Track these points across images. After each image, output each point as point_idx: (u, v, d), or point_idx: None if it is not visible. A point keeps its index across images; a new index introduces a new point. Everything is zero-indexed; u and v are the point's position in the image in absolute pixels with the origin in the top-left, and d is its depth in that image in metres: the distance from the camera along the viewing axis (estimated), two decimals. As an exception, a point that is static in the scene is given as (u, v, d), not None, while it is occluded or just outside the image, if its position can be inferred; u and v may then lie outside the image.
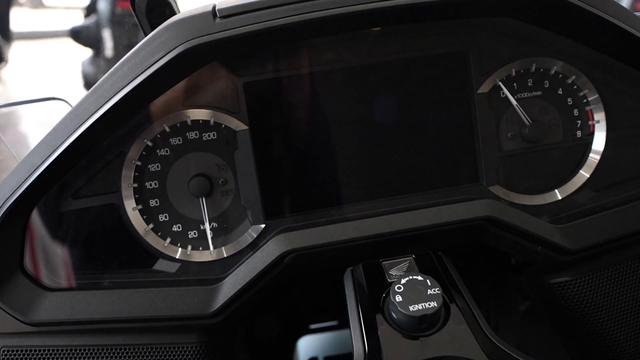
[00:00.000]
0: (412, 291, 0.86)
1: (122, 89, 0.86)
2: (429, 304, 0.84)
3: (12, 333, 0.94)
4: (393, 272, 0.96)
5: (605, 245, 1.04)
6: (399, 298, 0.85)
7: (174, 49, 0.84)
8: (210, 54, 0.90)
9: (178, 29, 0.85)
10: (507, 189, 1.08)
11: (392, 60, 1.04)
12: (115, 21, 4.60)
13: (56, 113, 0.93)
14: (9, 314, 0.93)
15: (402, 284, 0.87)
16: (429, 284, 0.86)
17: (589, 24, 0.94)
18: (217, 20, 0.85)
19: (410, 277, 0.87)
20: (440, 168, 1.07)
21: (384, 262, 0.98)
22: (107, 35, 4.78)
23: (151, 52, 0.85)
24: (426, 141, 1.06)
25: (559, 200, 1.09)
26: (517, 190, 1.09)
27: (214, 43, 0.84)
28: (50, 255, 0.99)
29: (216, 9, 0.86)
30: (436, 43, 1.04)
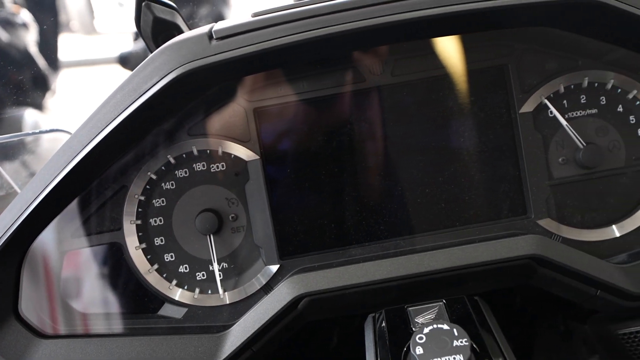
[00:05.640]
0: (435, 342, 0.81)
1: (114, 118, 0.88)
2: (454, 358, 0.79)
3: (2, 384, 0.96)
4: (419, 319, 0.91)
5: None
6: (419, 350, 0.80)
7: (167, 75, 0.86)
8: (209, 78, 0.91)
9: (172, 52, 0.86)
10: (559, 223, 1.03)
11: (419, 79, 1.02)
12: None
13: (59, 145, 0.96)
14: (0, 363, 0.95)
15: (425, 334, 0.82)
16: (456, 334, 0.82)
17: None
18: (213, 42, 0.86)
19: (434, 326, 0.83)
20: (478, 200, 1.03)
21: (410, 308, 0.93)
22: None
23: (144, 78, 0.87)
24: (462, 169, 1.03)
25: (623, 235, 1.01)
26: (570, 224, 1.03)
27: (210, 66, 0.85)
28: (47, 299, 1.01)
29: (213, 30, 0.87)
30: (469, 58, 1.01)
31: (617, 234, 1.02)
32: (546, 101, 1.02)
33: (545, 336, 1.36)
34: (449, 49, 1.01)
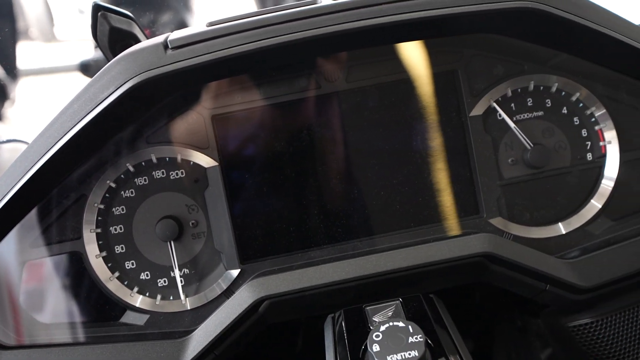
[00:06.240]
0: (391, 339, 0.83)
1: (71, 128, 0.88)
2: (409, 354, 0.81)
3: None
4: (376, 318, 0.94)
5: (625, 281, 1.00)
6: (376, 347, 0.83)
7: (123, 84, 0.87)
8: (165, 87, 0.92)
9: (127, 62, 0.88)
10: (510, 221, 1.07)
11: (372, 85, 1.05)
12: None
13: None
14: (-43, 377, 0.94)
15: (381, 332, 0.85)
16: (411, 330, 0.84)
17: (580, 36, 0.93)
18: (169, 51, 0.88)
19: (390, 324, 0.85)
20: (432, 201, 1.06)
21: (368, 308, 0.96)
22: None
23: (101, 88, 0.88)
24: (415, 171, 1.06)
25: (569, 232, 1.06)
26: (521, 222, 1.07)
27: (166, 76, 0.86)
28: (7, 310, 1.00)
29: (168, 39, 0.88)
30: (420, 64, 1.05)
31: (563, 231, 1.06)
32: (494, 104, 1.06)
33: (503, 331, 1.40)
34: (401, 56, 1.04)
